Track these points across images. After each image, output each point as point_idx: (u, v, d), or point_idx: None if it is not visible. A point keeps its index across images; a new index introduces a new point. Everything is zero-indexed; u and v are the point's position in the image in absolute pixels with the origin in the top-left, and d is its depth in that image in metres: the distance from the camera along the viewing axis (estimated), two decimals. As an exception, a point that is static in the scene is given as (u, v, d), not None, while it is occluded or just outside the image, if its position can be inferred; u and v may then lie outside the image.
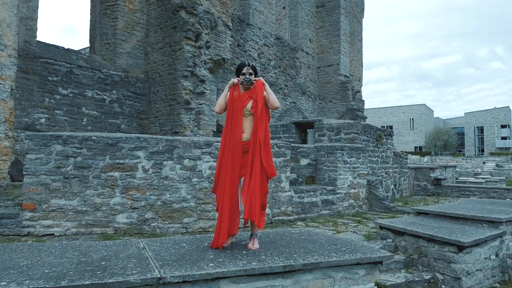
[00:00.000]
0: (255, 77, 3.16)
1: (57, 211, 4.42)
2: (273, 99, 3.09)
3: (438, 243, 3.99)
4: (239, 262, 2.62)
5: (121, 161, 4.63)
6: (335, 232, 5.10)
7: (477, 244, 3.92)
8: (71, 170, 4.47)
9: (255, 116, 3.03)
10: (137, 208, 4.68)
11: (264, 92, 3.09)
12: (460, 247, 3.79)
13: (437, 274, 3.94)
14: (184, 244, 3.14)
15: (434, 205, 6.46)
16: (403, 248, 4.38)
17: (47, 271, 2.29)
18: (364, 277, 2.98)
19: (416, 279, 3.88)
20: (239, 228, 3.15)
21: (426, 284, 3.91)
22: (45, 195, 4.39)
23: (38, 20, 8.96)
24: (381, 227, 4.66)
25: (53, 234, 4.40)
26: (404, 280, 3.80)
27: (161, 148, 4.80)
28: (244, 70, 3.11)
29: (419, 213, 5.30)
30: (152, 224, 4.73)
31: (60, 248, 2.91)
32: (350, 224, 5.76)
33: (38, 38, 9.13)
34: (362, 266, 2.98)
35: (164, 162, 4.80)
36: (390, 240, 4.50)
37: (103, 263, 2.53)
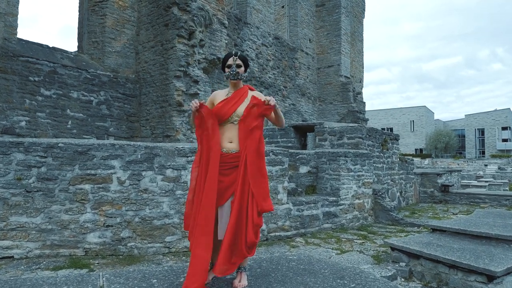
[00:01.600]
0: (245, 70, 2.55)
1: (17, 230, 3.81)
2: (283, 121, 2.64)
3: (462, 270, 3.38)
4: (219, 312, 2.01)
5: (93, 172, 4.02)
6: (339, 251, 4.49)
7: (509, 272, 3.32)
8: (34, 183, 3.86)
9: (241, 122, 2.42)
10: (112, 226, 4.06)
11: (272, 114, 2.51)
12: (490, 277, 3.19)
13: (462, 308, 3.33)
14: (155, 280, 2.52)
15: (450, 220, 5.83)
16: (419, 274, 3.76)
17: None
18: (379, 324, 2.38)
19: (437, 313, 3.27)
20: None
21: (448, 319, 3.30)
22: (3, 212, 3.77)
23: (21, 17, 8.40)
24: (393, 248, 4.05)
25: (12, 256, 3.78)
26: (422, 315, 3.20)
27: (139, 156, 4.18)
28: (230, 61, 2.49)
29: (434, 230, 4.68)
30: (129, 244, 4.11)
31: (-6, 289, 2.30)
32: (355, 240, 5.15)
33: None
34: (377, 310, 2.38)
35: (143, 173, 4.19)
36: (404, 264, 3.89)
37: (40, 315, 1.92)
